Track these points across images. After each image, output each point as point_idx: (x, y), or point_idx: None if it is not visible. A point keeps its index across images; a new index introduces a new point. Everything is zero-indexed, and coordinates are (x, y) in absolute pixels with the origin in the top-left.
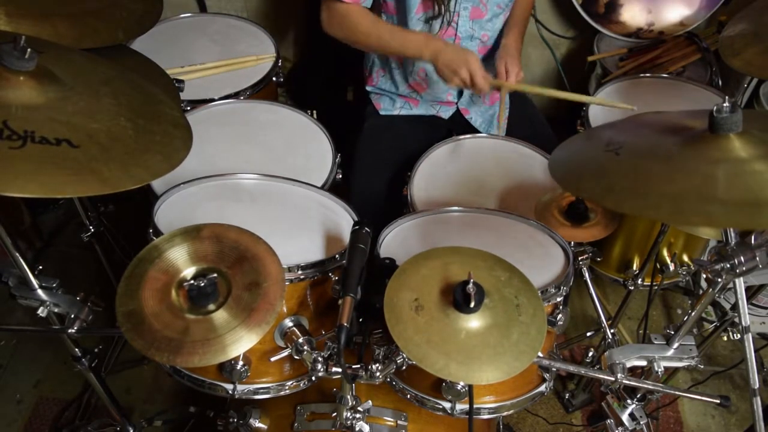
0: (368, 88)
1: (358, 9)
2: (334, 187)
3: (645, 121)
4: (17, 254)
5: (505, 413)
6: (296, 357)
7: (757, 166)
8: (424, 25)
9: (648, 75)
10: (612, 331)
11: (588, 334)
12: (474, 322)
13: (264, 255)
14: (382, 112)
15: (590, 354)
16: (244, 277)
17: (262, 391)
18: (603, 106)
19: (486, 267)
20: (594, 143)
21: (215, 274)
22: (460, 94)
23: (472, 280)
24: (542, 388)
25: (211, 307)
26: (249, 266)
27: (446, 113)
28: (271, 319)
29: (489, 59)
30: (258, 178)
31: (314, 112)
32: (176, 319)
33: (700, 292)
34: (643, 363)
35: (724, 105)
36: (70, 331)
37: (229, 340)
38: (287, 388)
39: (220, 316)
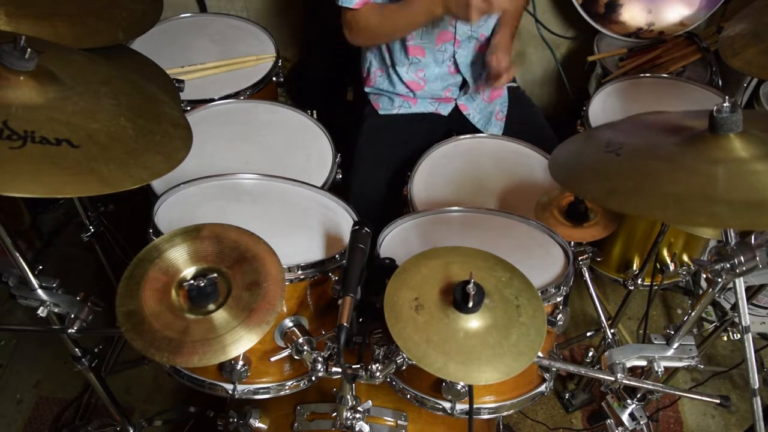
0: (367, 89)
1: (365, 9)
2: (334, 187)
3: (645, 121)
4: (17, 254)
5: (505, 413)
6: (296, 357)
7: (758, 166)
8: (423, 30)
9: (648, 75)
10: (612, 331)
11: (588, 334)
12: (474, 322)
13: (264, 255)
14: (381, 112)
15: (590, 354)
16: (244, 277)
17: (262, 391)
18: (602, 107)
19: (487, 267)
20: (594, 144)
21: (215, 274)
22: (459, 90)
23: (472, 281)
24: (542, 388)
25: (211, 307)
26: (249, 266)
27: (445, 110)
28: (271, 319)
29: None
30: (258, 178)
31: (314, 112)
32: (176, 319)
33: (700, 292)
34: (643, 363)
35: (724, 105)
36: (70, 331)
37: (229, 340)
38: (287, 388)
39: (220, 316)
